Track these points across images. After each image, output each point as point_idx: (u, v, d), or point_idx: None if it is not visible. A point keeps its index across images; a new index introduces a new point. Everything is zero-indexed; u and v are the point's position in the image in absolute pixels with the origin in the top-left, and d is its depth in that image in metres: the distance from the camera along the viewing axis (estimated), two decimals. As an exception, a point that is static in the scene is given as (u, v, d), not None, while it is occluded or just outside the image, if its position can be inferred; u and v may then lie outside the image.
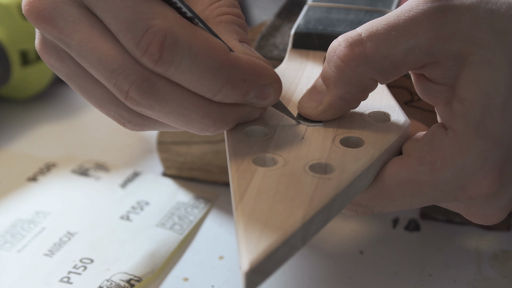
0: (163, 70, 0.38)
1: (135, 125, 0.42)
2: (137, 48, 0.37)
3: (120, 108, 0.41)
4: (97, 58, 0.39)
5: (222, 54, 0.38)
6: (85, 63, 0.39)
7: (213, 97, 0.39)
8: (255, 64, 0.39)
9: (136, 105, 0.39)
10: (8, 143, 0.65)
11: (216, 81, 0.38)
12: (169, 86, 0.39)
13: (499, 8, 0.40)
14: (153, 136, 0.63)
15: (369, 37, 0.40)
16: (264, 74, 0.39)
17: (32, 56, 0.68)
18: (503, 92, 0.39)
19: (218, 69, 0.38)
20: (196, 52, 0.38)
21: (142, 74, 0.38)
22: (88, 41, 0.39)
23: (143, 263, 0.50)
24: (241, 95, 0.39)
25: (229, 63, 0.38)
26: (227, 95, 0.39)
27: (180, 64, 0.38)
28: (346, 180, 0.38)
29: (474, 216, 0.42)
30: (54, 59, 0.41)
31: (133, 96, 0.38)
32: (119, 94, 0.39)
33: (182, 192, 0.57)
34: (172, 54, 0.37)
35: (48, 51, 0.41)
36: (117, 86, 0.39)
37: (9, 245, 0.52)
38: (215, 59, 0.38)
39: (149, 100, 0.39)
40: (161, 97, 0.39)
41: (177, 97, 0.39)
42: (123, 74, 0.38)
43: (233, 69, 0.38)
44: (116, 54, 0.38)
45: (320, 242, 0.52)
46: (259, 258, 0.33)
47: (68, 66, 0.41)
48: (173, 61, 0.37)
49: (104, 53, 0.38)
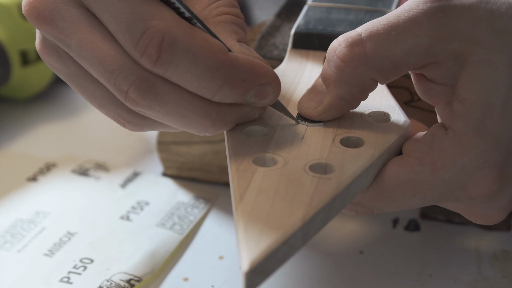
0: (162, 71, 0.38)
1: (135, 126, 0.42)
2: (136, 49, 0.37)
3: (120, 108, 0.41)
4: (96, 59, 0.39)
5: (220, 54, 0.38)
6: (84, 63, 0.39)
7: (212, 97, 0.39)
8: (254, 64, 0.39)
9: (135, 105, 0.39)
10: (8, 143, 0.65)
11: (215, 81, 0.38)
12: (168, 86, 0.39)
13: (499, 8, 0.40)
14: (153, 136, 0.63)
15: (369, 37, 0.40)
16: (263, 74, 0.39)
17: (32, 56, 0.68)
18: (503, 92, 0.39)
19: (216, 69, 0.38)
20: (195, 52, 0.38)
21: (141, 75, 0.38)
22: (88, 41, 0.39)
23: (143, 263, 0.50)
24: (240, 95, 0.39)
25: (227, 63, 0.38)
26: (226, 95, 0.39)
27: (178, 65, 0.38)
28: (346, 180, 0.38)
29: (474, 216, 0.42)
30: (54, 60, 0.41)
31: (132, 96, 0.38)
32: (119, 94, 0.39)
33: (182, 192, 0.57)
34: (170, 55, 0.37)
35: (48, 51, 0.41)
36: (116, 87, 0.39)
37: (9, 245, 0.52)
38: (214, 59, 0.38)
39: (148, 101, 0.39)
40: (160, 98, 0.39)
41: (176, 97, 0.39)
42: (123, 75, 0.38)
43: (231, 69, 0.38)
44: (116, 55, 0.38)
45: (320, 242, 0.52)
46: (259, 258, 0.33)
47: (68, 67, 0.41)
48: (171, 61, 0.37)
49: (103, 53, 0.38)
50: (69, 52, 0.40)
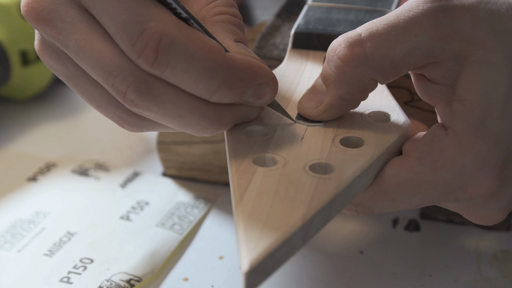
0: (159, 72, 0.38)
1: (134, 126, 0.42)
2: (133, 50, 0.37)
3: (119, 109, 0.41)
4: (95, 60, 0.39)
5: (218, 55, 0.38)
6: (83, 64, 0.39)
7: (210, 98, 0.39)
8: (251, 64, 0.39)
9: (133, 106, 0.39)
10: (8, 143, 0.65)
11: (213, 82, 0.38)
12: (167, 87, 0.39)
13: (499, 8, 0.40)
14: (153, 136, 0.63)
15: (369, 37, 0.40)
16: (260, 73, 0.40)
17: (32, 56, 0.68)
18: (503, 93, 0.39)
19: (214, 70, 0.38)
20: (192, 53, 0.38)
21: (140, 76, 0.38)
22: (86, 42, 0.39)
23: (143, 263, 0.50)
24: (238, 95, 0.39)
25: (225, 63, 0.38)
26: (224, 96, 0.39)
27: (176, 66, 0.38)
28: (346, 180, 0.38)
29: (474, 217, 0.42)
30: (54, 61, 0.41)
31: (131, 97, 0.39)
32: (117, 95, 0.39)
33: (182, 192, 0.57)
34: (168, 56, 0.37)
35: (48, 52, 0.41)
36: (114, 88, 0.39)
37: (9, 245, 0.52)
38: (211, 60, 0.38)
39: (146, 102, 0.39)
40: (158, 99, 0.39)
41: (174, 98, 0.39)
42: (121, 76, 0.38)
43: (229, 70, 0.38)
44: (114, 56, 0.38)
45: (320, 242, 0.52)
46: (259, 258, 0.33)
47: (67, 68, 0.41)
48: (168, 63, 0.37)
49: (101, 54, 0.38)
50: (68, 53, 0.40)
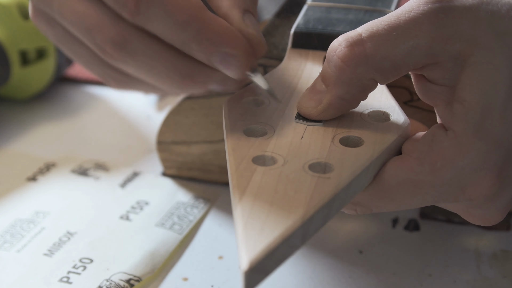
0: (139, 21, 0.41)
1: (118, 82, 0.45)
2: (115, 1, 0.40)
3: (105, 67, 0.44)
4: (76, 18, 0.42)
5: (194, 9, 0.41)
6: (66, 24, 0.43)
7: (181, 46, 0.41)
8: (225, 30, 0.41)
9: (113, 60, 0.42)
10: (8, 143, 0.65)
11: (185, 33, 0.41)
12: (141, 41, 0.42)
13: (499, 9, 0.40)
14: (153, 136, 0.63)
15: (370, 37, 0.40)
16: (229, 42, 0.41)
17: (32, 56, 0.68)
18: (503, 94, 0.39)
19: (187, 22, 0.41)
20: (171, 3, 0.40)
21: (117, 31, 0.41)
22: (68, 2, 0.42)
23: (142, 263, 0.50)
24: (204, 54, 0.41)
25: (200, 19, 0.41)
26: (192, 49, 0.41)
27: (154, 13, 0.40)
28: (345, 179, 0.38)
29: (473, 217, 0.42)
30: (44, 24, 0.45)
31: (109, 51, 0.42)
32: (98, 50, 0.42)
33: (182, 192, 0.57)
34: (147, 6, 0.40)
35: (38, 17, 0.45)
36: (96, 44, 0.42)
37: (9, 245, 0.52)
38: (187, 13, 0.40)
39: (123, 54, 0.42)
40: (133, 52, 0.42)
41: (147, 50, 0.42)
42: (101, 32, 0.41)
43: (201, 26, 0.41)
44: (93, 13, 0.41)
45: (319, 241, 0.52)
46: (258, 257, 0.33)
47: (57, 31, 0.44)
48: (147, 13, 0.40)
49: (82, 12, 0.42)
50: (52, 15, 0.43)
